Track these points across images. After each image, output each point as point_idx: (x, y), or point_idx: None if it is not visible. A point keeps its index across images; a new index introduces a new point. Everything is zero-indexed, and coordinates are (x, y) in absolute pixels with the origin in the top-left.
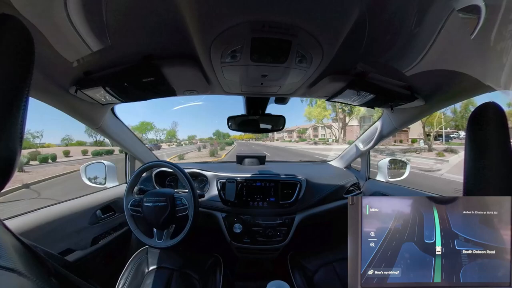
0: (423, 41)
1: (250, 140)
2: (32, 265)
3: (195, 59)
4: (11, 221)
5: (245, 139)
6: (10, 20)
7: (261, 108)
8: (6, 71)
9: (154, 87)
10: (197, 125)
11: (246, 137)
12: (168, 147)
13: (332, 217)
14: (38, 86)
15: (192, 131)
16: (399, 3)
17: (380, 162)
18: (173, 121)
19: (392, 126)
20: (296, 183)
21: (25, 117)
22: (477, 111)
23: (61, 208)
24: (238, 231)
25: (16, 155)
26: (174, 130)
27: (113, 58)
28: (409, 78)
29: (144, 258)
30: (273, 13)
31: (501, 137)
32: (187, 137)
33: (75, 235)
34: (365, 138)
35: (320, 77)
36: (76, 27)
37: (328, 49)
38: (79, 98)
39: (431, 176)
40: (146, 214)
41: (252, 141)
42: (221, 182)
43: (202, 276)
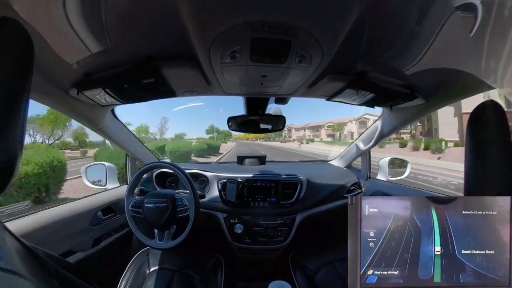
0: (423, 40)
1: (257, 140)
2: (33, 266)
3: (195, 59)
4: (12, 223)
5: (250, 139)
6: (9, 23)
7: (261, 109)
8: (6, 74)
9: (154, 88)
10: (192, 122)
11: (252, 137)
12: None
13: (333, 217)
14: (38, 88)
15: (183, 129)
16: (399, 3)
17: (381, 161)
18: (162, 117)
19: (392, 125)
20: (297, 183)
21: (25, 119)
22: (476, 110)
23: (62, 210)
24: (239, 232)
25: (17, 158)
26: (146, 126)
27: (113, 59)
28: (409, 77)
29: (145, 259)
30: (273, 14)
31: (501, 136)
32: (174, 135)
33: (76, 237)
34: (365, 138)
35: (320, 77)
36: (76, 28)
37: (328, 49)
38: (79, 99)
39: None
40: (147, 215)
41: (259, 141)
42: (221, 183)
43: (203, 277)
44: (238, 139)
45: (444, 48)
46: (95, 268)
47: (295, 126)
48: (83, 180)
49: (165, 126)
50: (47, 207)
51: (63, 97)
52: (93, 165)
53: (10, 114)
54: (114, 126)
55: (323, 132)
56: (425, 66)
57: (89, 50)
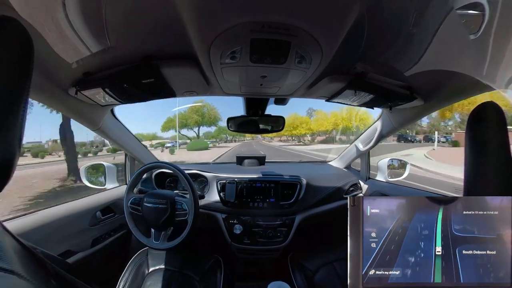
0: (422, 41)
1: (265, 140)
2: (31, 267)
3: (194, 60)
4: (10, 222)
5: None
6: (9, 22)
7: (261, 109)
8: (6, 73)
9: (153, 88)
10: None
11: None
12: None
13: (332, 217)
14: (38, 87)
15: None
16: (398, 4)
17: (380, 162)
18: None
19: (391, 126)
20: (296, 183)
21: (24, 118)
22: (476, 110)
23: (61, 210)
24: (238, 232)
25: (15, 157)
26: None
27: (113, 59)
28: (408, 78)
29: (144, 259)
30: (273, 14)
31: (501, 136)
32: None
33: (75, 237)
34: (365, 138)
35: (319, 77)
36: (75, 28)
37: (328, 49)
38: (79, 99)
39: None
40: (145, 213)
41: (265, 140)
42: (221, 183)
43: (202, 277)
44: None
45: (443, 49)
46: (94, 268)
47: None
48: (82, 180)
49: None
50: (47, 206)
51: (63, 97)
52: (92, 165)
53: (9, 113)
54: (113, 126)
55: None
56: (424, 67)
57: (88, 49)
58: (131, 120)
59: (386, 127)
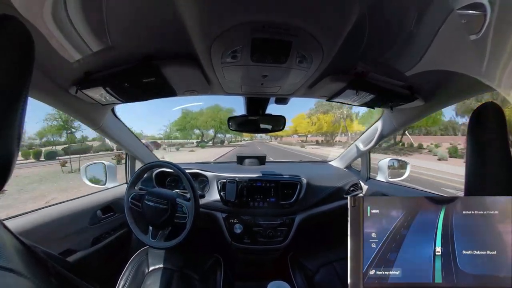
0: (423, 41)
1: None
2: (31, 265)
3: (195, 59)
4: (11, 221)
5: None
6: (10, 21)
7: (261, 109)
8: (6, 72)
9: (154, 87)
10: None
11: (248, 136)
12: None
13: (332, 217)
14: (38, 86)
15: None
16: (399, 4)
17: (380, 162)
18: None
19: (392, 126)
20: (297, 183)
21: (23, 117)
22: (477, 111)
23: (62, 209)
24: (239, 232)
25: (13, 156)
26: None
27: (114, 58)
28: (409, 78)
29: (145, 258)
30: (274, 14)
31: (501, 137)
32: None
33: (75, 236)
34: (365, 138)
35: (320, 77)
36: (76, 27)
37: (329, 49)
38: (80, 98)
39: None
40: (145, 211)
41: (274, 141)
42: (221, 183)
43: (202, 277)
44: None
45: (444, 49)
46: (94, 267)
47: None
48: (82, 179)
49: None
50: (47, 205)
51: (63, 96)
52: (92, 164)
53: (8, 112)
54: (114, 125)
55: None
56: (425, 67)
57: (89, 48)
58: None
59: (387, 127)
